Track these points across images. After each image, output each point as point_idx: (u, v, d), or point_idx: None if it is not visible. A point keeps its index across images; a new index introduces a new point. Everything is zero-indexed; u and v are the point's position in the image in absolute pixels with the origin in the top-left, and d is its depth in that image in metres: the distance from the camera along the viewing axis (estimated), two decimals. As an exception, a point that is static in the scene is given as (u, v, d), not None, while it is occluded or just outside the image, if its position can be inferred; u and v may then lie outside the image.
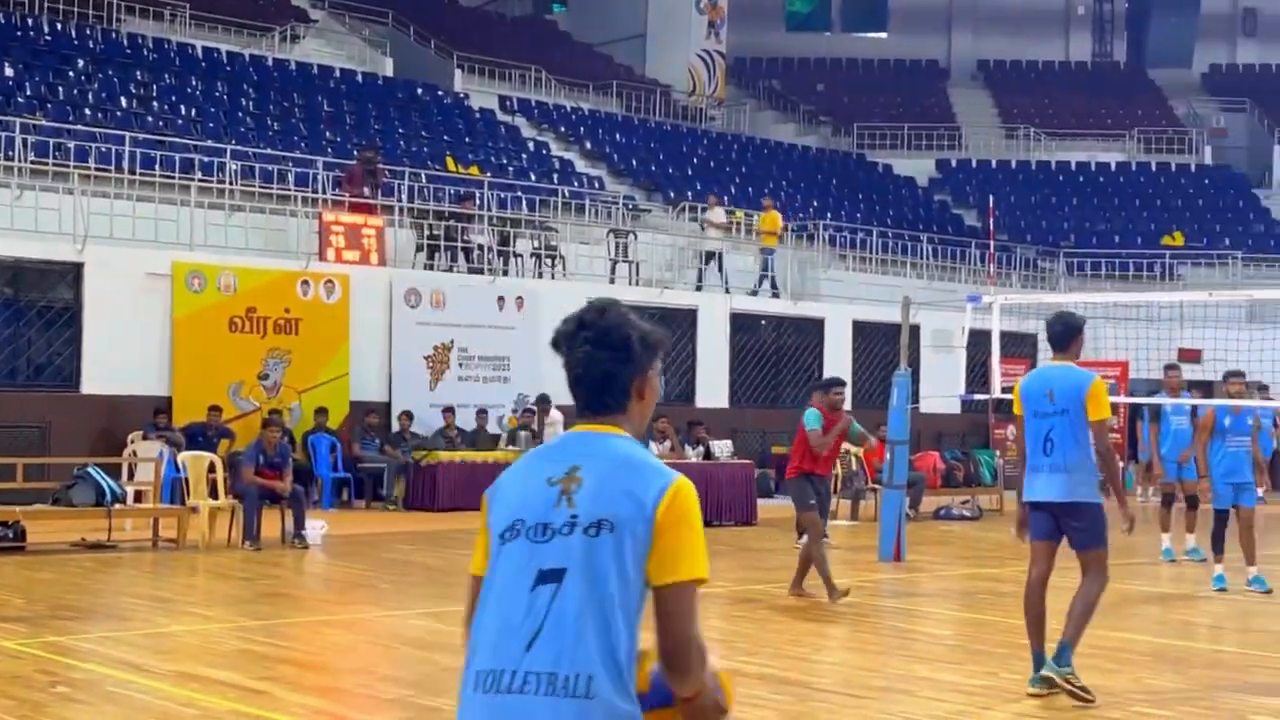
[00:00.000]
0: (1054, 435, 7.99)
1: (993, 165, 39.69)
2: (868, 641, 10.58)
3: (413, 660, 9.12)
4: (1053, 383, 8.11)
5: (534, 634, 2.99)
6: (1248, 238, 35.89)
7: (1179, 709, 7.98)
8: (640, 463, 3.13)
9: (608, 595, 3.02)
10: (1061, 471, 7.98)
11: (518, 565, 3.08)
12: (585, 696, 2.92)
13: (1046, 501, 8.06)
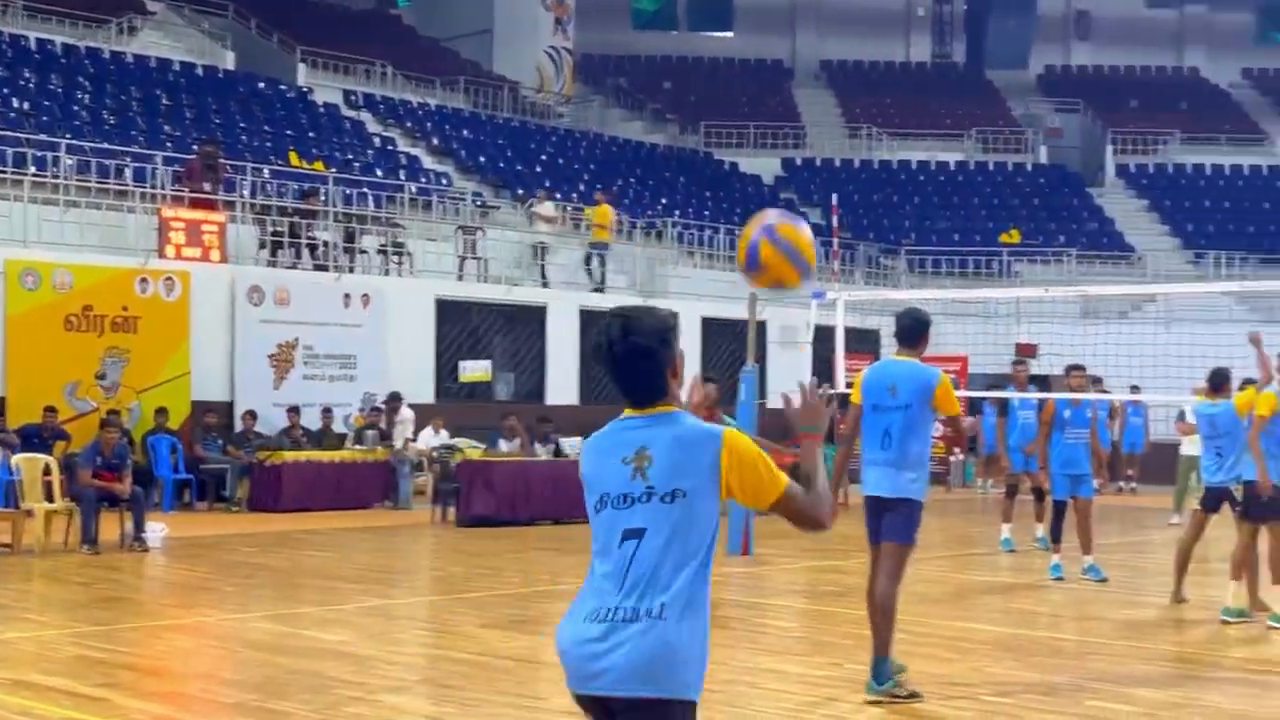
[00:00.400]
0: (893, 430, 7.95)
1: (836, 164, 40.26)
2: (714, 636, 10.61)
3: (255, 664, 8.96)
4: (896, 378, 8.07)
5: (624, 577, 3.94)
6: (1082, 235, 36.89)
7: (1019, 697, 8.16)
8: (693, 438, 4.00)
9: (679, 546, 3.94)
10: (894, 467, 7.99)
11: (609, 528, 4.04)
12: (659, 618, 3.88)
13: (875, 496, 8.13)
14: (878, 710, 7.71)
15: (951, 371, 28.46)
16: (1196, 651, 9.93)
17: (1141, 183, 40.35)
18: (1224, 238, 36.44)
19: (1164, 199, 39.27)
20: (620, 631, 3.90)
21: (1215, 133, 42.22)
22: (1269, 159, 41.26)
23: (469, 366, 24.25)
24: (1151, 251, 36.19)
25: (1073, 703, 8.02)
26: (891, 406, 7.98)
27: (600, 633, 3.92)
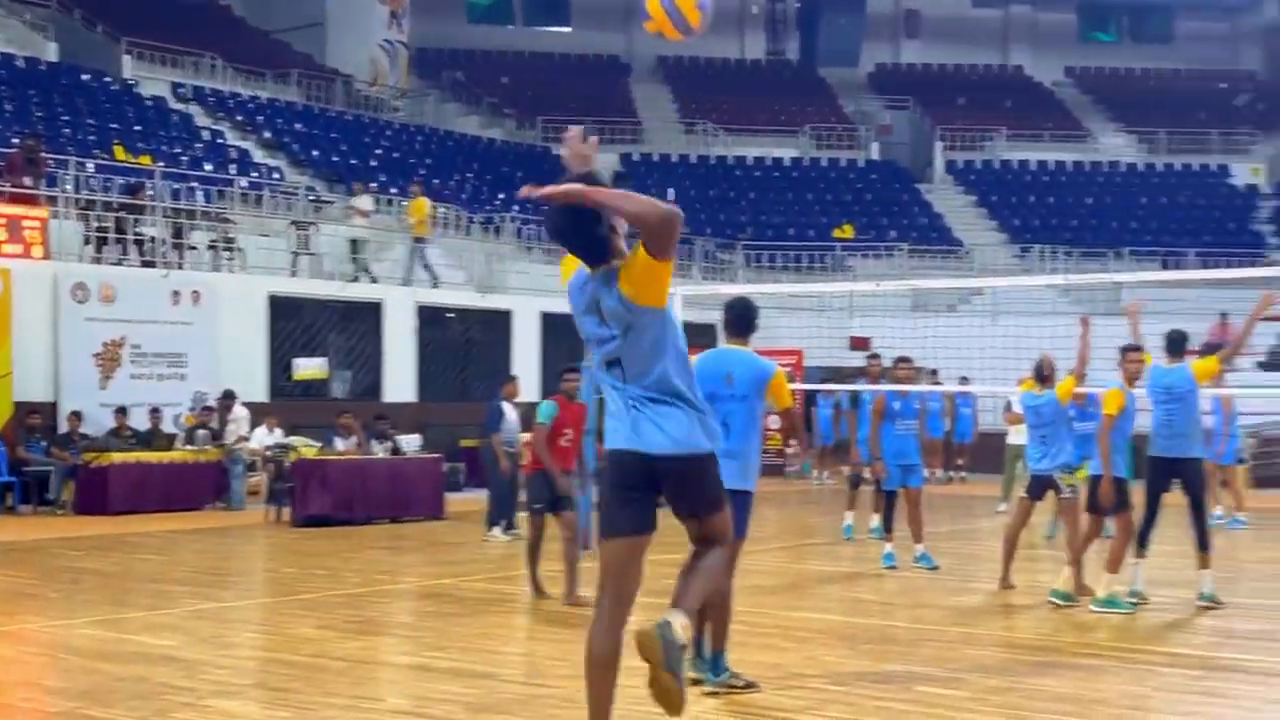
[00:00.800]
0: (730, 421, 7.80)
1: (674, 159, 40.51)
2: (556, 631, 10.62)
3: (81, 671, 8.70)
4: (733, 367, 7.98)
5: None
6: (912, 230, 37.63)
7: (852, 685, 8.28)
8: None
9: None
10: (733, 458, 7.82)
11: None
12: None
13: None
14: (714, 701, 7.76)
15: (787, 365, 28.85)
16: (1024, 636, 10.17)
17: (969, 179, 41.29)
18: (1048, 232, 37.49)
19: (991, 194, 40.25)
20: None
21: (1039, 130, 43.38)
22: (1091, 155, 42.54)
23: (303, 364, 23.89)
24: (979, 246, 37.07)
25: (903, 689, 8.16)
26: (728, 396, 7.88)
27: None
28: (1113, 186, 41.02)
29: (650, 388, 5.48)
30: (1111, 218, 38.96)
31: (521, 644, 10.03)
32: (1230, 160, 42.21)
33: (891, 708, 7.66)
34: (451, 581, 12.90)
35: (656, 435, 5.38)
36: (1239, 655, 9.44)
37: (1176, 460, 11.23)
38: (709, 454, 5.49)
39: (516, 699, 7.84)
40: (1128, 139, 43.89)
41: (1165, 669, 8.90)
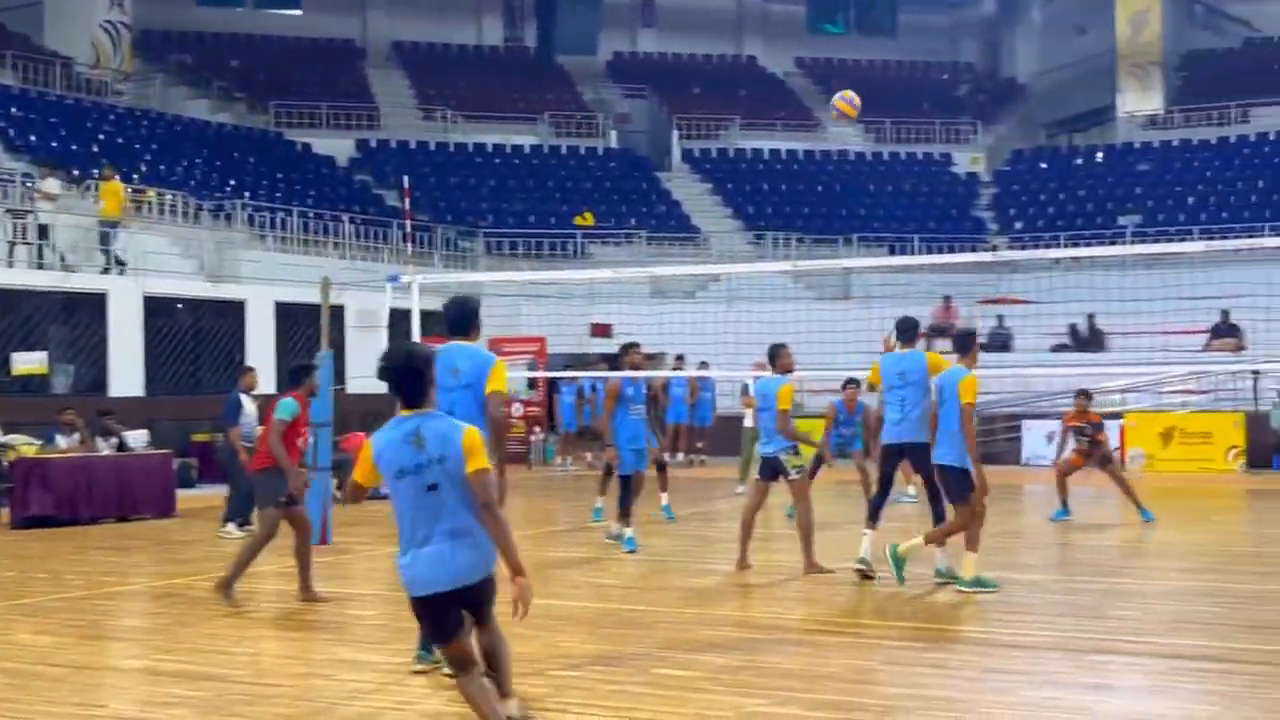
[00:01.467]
0: (456, 409, 7.91)
1: (412, 146, 40.08)
2: (289, 629, 10.41)
3: None
4: (458, 359, 8.16)
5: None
6: (651, 218, 38.06)
7: (589, 669, 8.33)
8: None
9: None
10: None
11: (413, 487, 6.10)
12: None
13: None
14: (451, 694, 7.70)
15: (530, 353, 28.92)
16: (758, 615, 10.39)
17: (705, 167, 41.96)
18: (781, 219, 38.38)
19: (726, 182, 40.98)
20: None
21: (772, 119, 44.34)
22: (821, 144, 43.69)
23: (22, 358, 22.85)
24: (716, 233, 37.72)
25: (640, 671, 8.25)
26: (455, 386, 8.06)
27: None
28: (842, 174, 42.23)
29: None
30: (841, 205, 40.11)
31: (254, 644, 9.78)
32: (952, 149, 43.90)
33: (628, 690, 7.74)
34: (183, 581, 12.52)
35: None
36: (961, 627, 9.84)
37: (907, 445, 11.62)
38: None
39: (245, 699, 7.65)
40: (855, 128, 45.19)
41: (892, 642, 9.20)
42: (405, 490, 6.16)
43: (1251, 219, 33.87)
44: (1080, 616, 10.21)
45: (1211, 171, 38.53)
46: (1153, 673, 8.21)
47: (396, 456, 6.16)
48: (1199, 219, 35.34)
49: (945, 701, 7.44)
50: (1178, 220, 35.57)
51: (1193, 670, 8.18)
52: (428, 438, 6.11)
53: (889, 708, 7.33)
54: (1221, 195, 37.03)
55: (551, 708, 7.33)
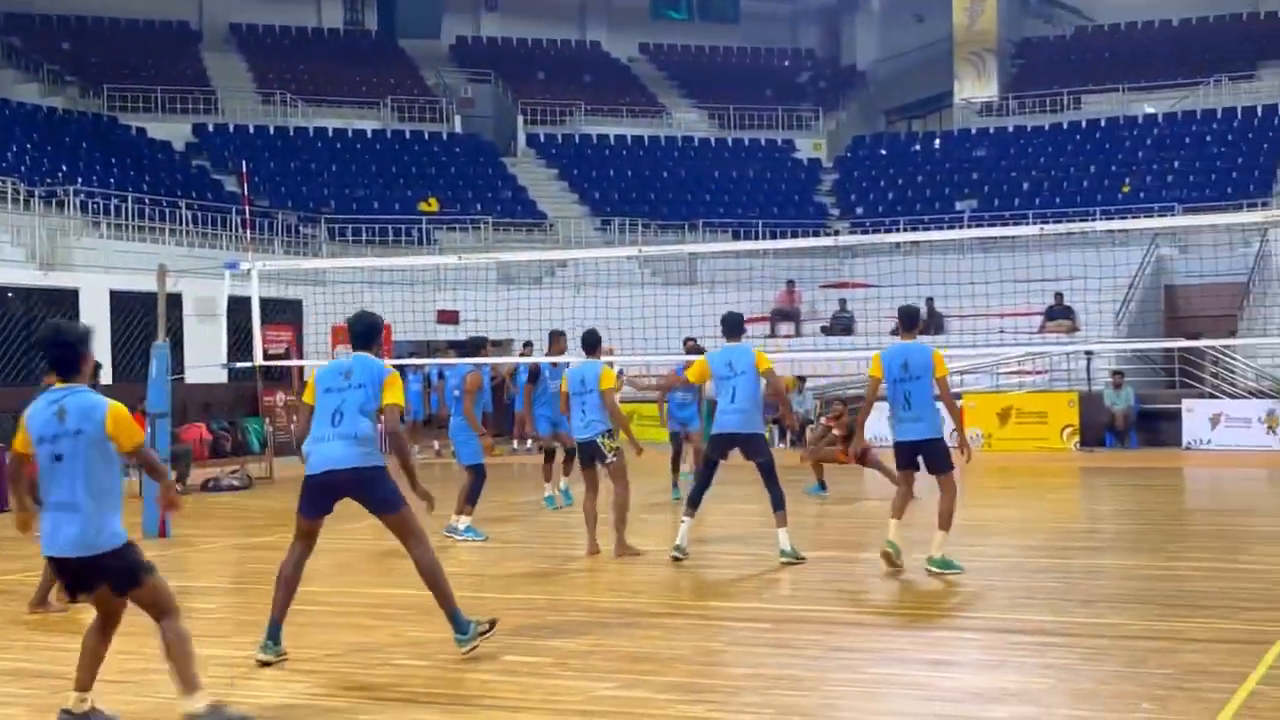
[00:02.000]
0: (344, 409, 8.19)
1: (251, 130, 39.33)
2: (128, 624, 10.13)
3: None
4: (353, 365, 8.40)
5: None
6: (497, 204, 37.87)
7: (436, 658, 8.27)
8: (96, 404, 6.74)
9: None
10: (351, 440, 8.17)
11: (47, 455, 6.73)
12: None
13: (331, 470, 8.15)
14: (300, 686, 7.60)
15: (374, 339, 28.53)
16: (606, 600, 10.42)
17: (551, 152, 41.87)
18: (627, 205, 38.48)
19: (572, 168, 40.95)
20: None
21: (617, 105, 44.41)
22: (665, 130, 43.86)
23: None
24: (562, 218, 37.68)
25: (488, 658, 8.22)
26: (345, 387, 8.30)
27: None
28: (687, 160, 42.45)
29: None
30: (686, 191, 40.34)
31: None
32: (794, 135, 44.39)
33: (476, 678, 7.71)
34: (15, 578, 12.16)
35: None
36: (805, 607, 9.97)
37: (737, 434, 11.78)
38: None
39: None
40: (700, 114, 45.48)
41: (738, 624, 9.30)
42: (41, 457, 6.70)
43: (1083, 203, 34.84)
44: (921, 594, 10.41)
45: (1045, 157, 39.52)
46: (992, 647, 8.40)
47: (40, 424, 6.69)
48: (1033, 203, 36.23)
49: (791, 680, 7.53)
50: (1013, 205, 36.43)
51: (1031, 644, 8.39)
52: (70, 411, 6.60)
53: (737, 688, 7.40)
54: (1055, 180, 38.00)
55: (398, 697, 7.27)
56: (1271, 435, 24.70)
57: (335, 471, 8.12)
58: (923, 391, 10.95)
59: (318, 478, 8.19)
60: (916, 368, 10.94)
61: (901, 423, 11.10)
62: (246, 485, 21.17)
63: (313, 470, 8.22)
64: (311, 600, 10.66)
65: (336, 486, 8.20)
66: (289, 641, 8.72)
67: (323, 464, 8.16)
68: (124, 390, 23.55)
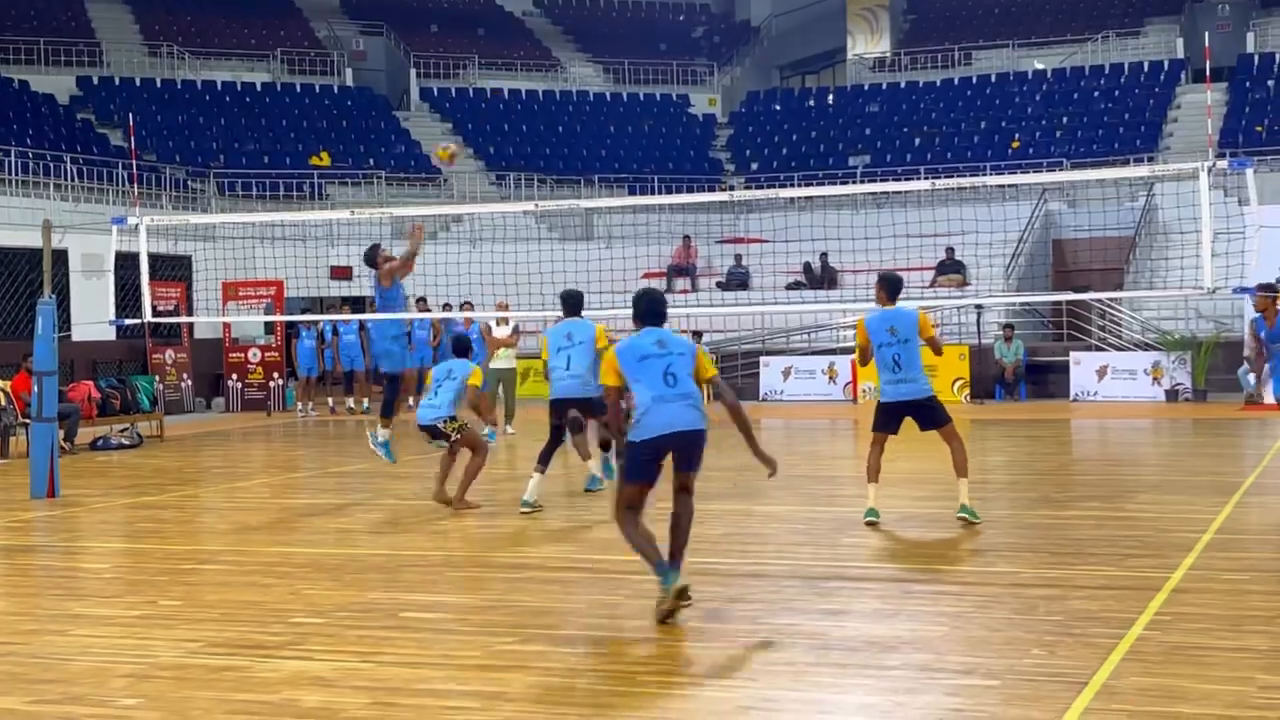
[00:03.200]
0: (675, 371, 8.11)
1: (137, 83, 38.51)
2: (17, 585, 9.99)
3: None
4: (663, 336, 8.31)
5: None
6: (390, 158, 37.49)
7: (334, 615, 8.22)
8: None
9: None
10: (690, 402, 8.24)
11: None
12: None
13: (680, 432, 8.09)
14: (194, 645, 7.52)
15: (266, 296, 28.25)
16: (504, 556, 10.40)
17: (445, 106, 41.48)
18: (523, 160, 38.29)
19: (467, 122, 40.60)
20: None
21: (512, 59, 44.09)
22: (561, 85, 43.65)
23: None
24: (457, 173, 37.36)
25: (387, 616, 8.19)
26: (667, 353, 8.23)
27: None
28: (582, 115, 42.28)
29: None
30: (582, 145, 40.20)
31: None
32: (689, 90, 44.39)
33: (374, 635, 7.67)
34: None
35: None
36: (702, 559, 10.02)
37: (575, 398, 12.81)
38: None
39: None
40: (595, 69, 45.31)
41: (637, 577, 9.32)
42: None
43: (974, 158, 35.25)
44: (816, 545, 10.53)
45: (936, 113, 39.88)
46: (887, 597, 8.52)
47: None
48: (925, 159, 36.60)
49: (693, 632, 7.59)
50: (905, 160, 36.77)
51: (924, 593, 8.52)
52: None
53: (638, 640, 7.44)
54: (946, 136, 38.39)
55: (295, 655, 7.22)
56: (1157, 386, 25.25)
57: (683, 433, 7.96)
58: (911, 353, 11.12)
59: (666, 438, 7.95)
60: (905, 330, 11.09)
61: (891, 384, 11.20)
62: (136, 444, 20.86)
63: (657, 432, 7.94)
64: (208, 559, 10.57)
65: (677, 448, 8.03)
66: (183, 602, 8.63)
67: (667, 425, 7.94)
68: (9, 348, 23.14)
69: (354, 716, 6.09)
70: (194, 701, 6.37)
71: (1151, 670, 6.56)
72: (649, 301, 8.35)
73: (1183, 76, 38.17)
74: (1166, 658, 6.74)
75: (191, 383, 28.49)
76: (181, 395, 28.02)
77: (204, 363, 29.12)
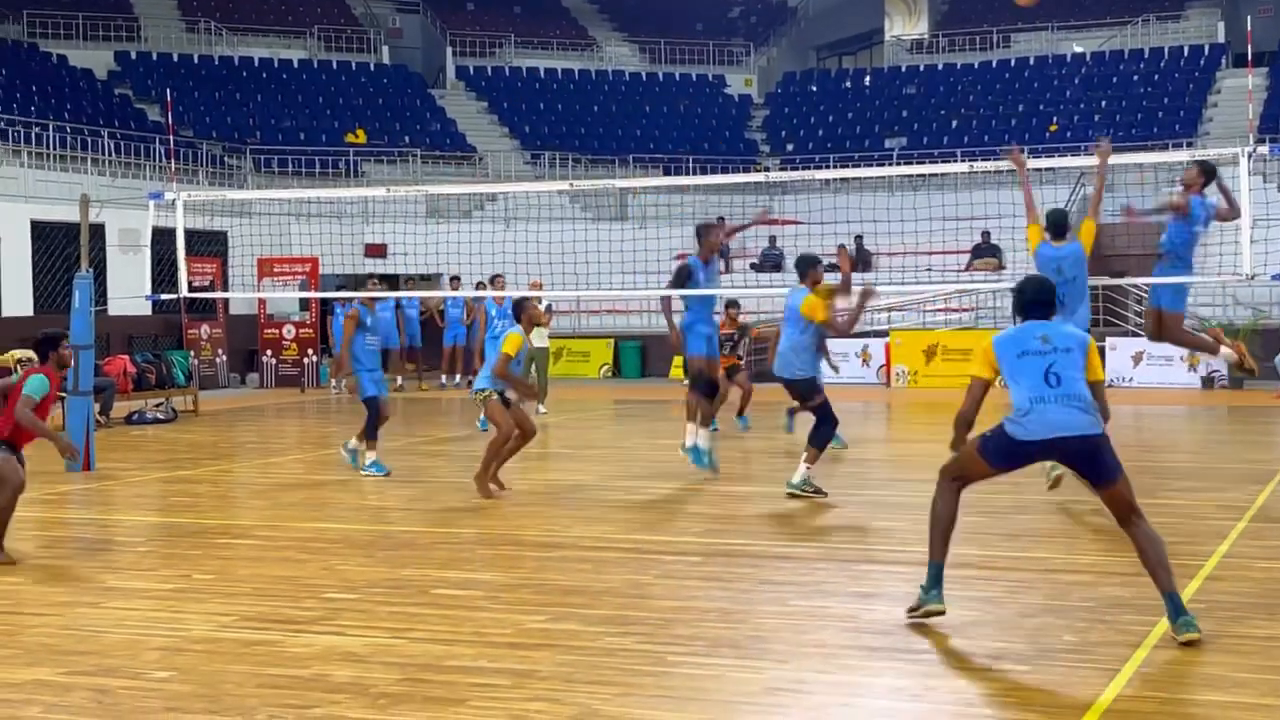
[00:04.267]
0: (1059, 371, 7.24)
1: (175, 59, 38.64)
2: (53, 557, 10.07)
3: None
4: (1048, 331, 7.49)
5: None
6: (425, 136, 37.50)
7: (367, 591, 8.26)
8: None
9: None
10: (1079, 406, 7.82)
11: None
12: None
13: (1062, 437, 7.53)
14: (227, 619, 7.56)
15: (301, 273, 28.36)
16: (536, 534, 10.42)
17: (480, 84, 41.47)
18: (557, 139, 38.23)
19: (502, 101, 40.58)
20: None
21: (548, 37, 44.02)
22: (596, 64, 43.57)
23: None
24: (492, 152, 37.39)
25: (419, 592, 8.22)
26: (1050, 350, 7.43)
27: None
28: (617, 95, 42.19)
29: None
30: (617, 125, 40.12)
31: (14, 572, 9.43)
32: (725, 71, 44.23)
33: (405, 611, 7.70)
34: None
35: None
36: (735, 541, 10.03)
37: None
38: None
39: (7, 629, 7.38)
40: (631, 48, 45.20)
41: (668, 557, 9.35)
42: None
43: (1011, 141, 34.98)
44: (848, 529, 10.52)
45: (974, 95, 39.64)
46: (918, 581, 8.49)
47: None
48: (962, 141, 36.39)
49: (720, 613, 7.59)
50: (941, 143, 36.57)
51: (956, 578, 8.48)
52: None
53: (667, 620, 7.44)
54: (983, 119, 38.15)
55: (327, 630, 7.26)
56: (1193, 373, 25.08)
57: (1068, 439, 7.08)
58: None
59: (1048, 444, 7.15)
60: None
61: None
62: (171, 418, 20.97)
63: (1037, 436, 7.12)
64: (241, 534, 10.63)
65: (1068, 459, 7.32)
66: (217, 576, 8.70)
67: (1050, 430, 7.09)
68: (46, 322, 23.27)
69: (385, 692, 6.12)
70: (226, 675, 6.41)
71: (1184, 658, 6.53)
72: (1034, 290, 7.48)
73: (1223, 61, 37.82)
74: (1200, 645, 6.70)
75: (226, 358, 28.62)
76: (216, 370, 28.15)
77: (239, 338, 29.24)
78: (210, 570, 9.04)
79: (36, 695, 6.13)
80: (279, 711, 5.85)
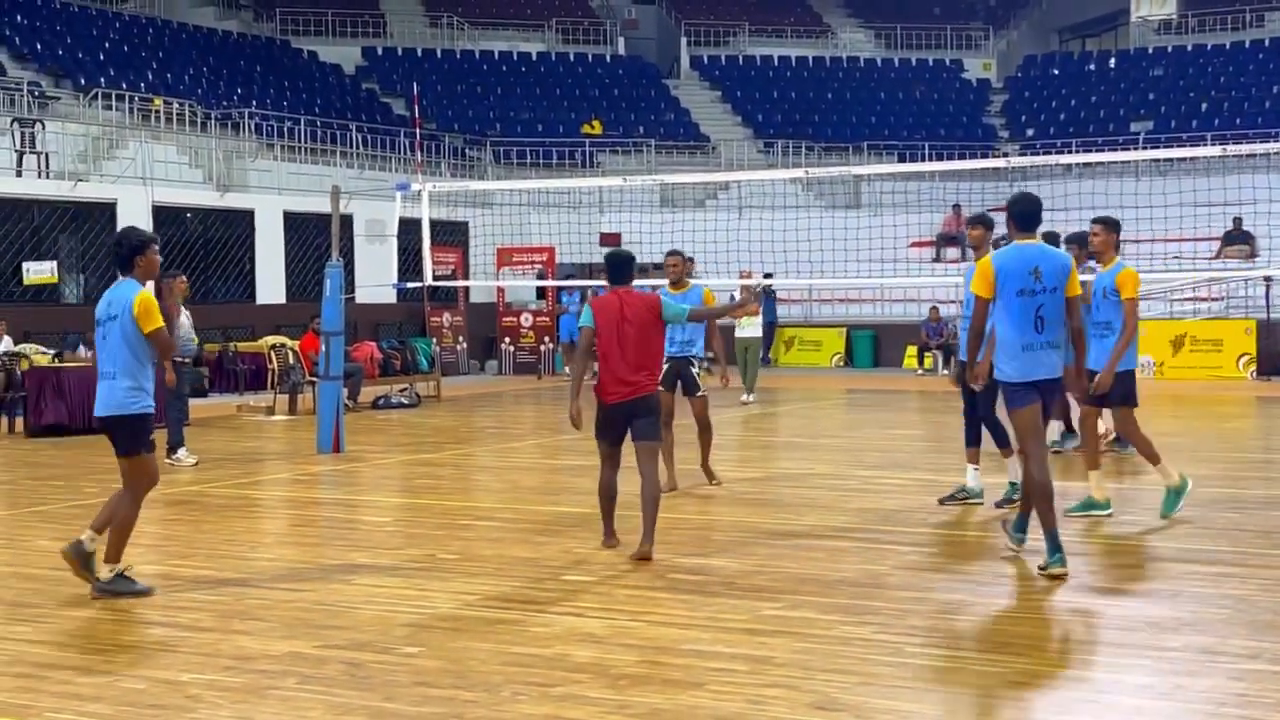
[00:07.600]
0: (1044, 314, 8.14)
1: (419, 54, 39.74)
2: (305, 534, 10.48)
3: None
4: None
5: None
6: (660, 126, 37.80)
7: (605, 574, 8.37)
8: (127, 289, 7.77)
9: None
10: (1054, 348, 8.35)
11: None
12: None
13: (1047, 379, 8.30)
14: (471, 598, 7.77)
15: (538, 262, 28.89)
16: (770, 523, 10.41)
17: (714, 74, 41.58)
18: (791, 127, 38.09)
19: (736, 90, 40.63)
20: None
21: (782, 25, 43.87)
22: (831, 51, 43.25)
23: (33, 268, 22.83)
24: (725, 141, 37.46)
25: (655, 576, 8.29)
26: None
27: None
28: (852, 82, 41.82)
29: None
30: (851, 112, 39.79)
31: (271, 549, 9.86)
32: (963, 55, 43.44)
33: (642, 595, 7.79)
34: (198, 489, 12.59)
35: None
36: (973, 534, 9.87)
37: None
38: None
39: (264, 604, 7.70)
40: (866, 34, 44.73)
41: (904, 548, 9.25)
42: (96, 336, 8.14)
43: (1265, 124, 33.56)
44: (1091, 524, 10.24)
45: (1225, 76, 38.13)
46: (1166, 577, 8.25)
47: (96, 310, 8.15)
48: (1212, 124, 35.05)
49: (959, 605, 7.49)
50: (1190, 126, 35.28)
51: (1206, 574, 8.22)
52: (110, 299, 8.00)
53: (904, 611, 7.37)
54: (1235, 100, 36.68)
55: (567, 611, 7.39)
56: None
57: (1046, 380, 8.14)
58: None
59: (1030, 383, 8.09)
60: None
61: None
62: (415, 403, 21.60)
63: (1028, 378, 8.09)
64: (483, 515, 10.89)
65: (1039, 390, 8.13)
66: (460, 555, 8.92)
67: (1035, 374, 8.09)
68: (298, 309, 24.22)
69: (624, 674, 6.20)
70: (471, 652, 6.58)
71: None
72: (1027, 201, 8.15)
73: None
74: None
75: (467, 345, 29.34)
76: (457, 357, 28.90)
77: (479, 326, 29.95)
78: (453, 550, 9.29)
79: (293, 667, 6.39)
80: (523, 689, 5.98)
